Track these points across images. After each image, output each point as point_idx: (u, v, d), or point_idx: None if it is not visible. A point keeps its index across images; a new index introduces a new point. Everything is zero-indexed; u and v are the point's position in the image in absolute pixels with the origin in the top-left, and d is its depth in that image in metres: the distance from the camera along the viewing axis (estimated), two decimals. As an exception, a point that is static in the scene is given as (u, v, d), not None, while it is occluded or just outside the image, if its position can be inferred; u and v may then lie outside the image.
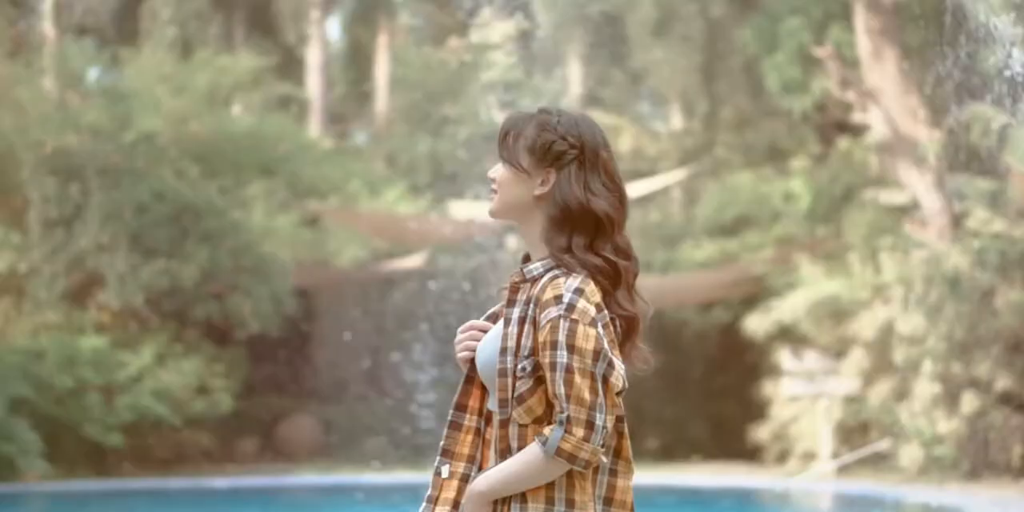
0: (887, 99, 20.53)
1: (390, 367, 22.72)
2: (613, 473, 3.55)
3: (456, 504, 3.58)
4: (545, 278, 3.48)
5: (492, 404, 3.58)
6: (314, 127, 27.03)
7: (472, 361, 3.65)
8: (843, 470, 20.69)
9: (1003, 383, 19.41)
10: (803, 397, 21.50)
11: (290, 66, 27.93)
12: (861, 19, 20.65)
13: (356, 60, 30.14)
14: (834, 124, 23.50)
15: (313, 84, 27.39)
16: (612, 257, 3.52)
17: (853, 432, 21.12)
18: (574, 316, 3.39)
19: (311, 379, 23.50)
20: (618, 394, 3.47)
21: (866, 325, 20.46)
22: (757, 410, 22.20)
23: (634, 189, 22.68)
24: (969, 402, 19.40)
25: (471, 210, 22.76)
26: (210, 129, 22.12)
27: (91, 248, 19.86)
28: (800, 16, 21.89)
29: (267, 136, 23.15)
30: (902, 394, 20.26)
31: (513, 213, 3.60)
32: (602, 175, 3.56)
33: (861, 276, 20.87)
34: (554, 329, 3.39)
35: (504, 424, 3.49)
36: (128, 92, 21.87)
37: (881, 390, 20.47)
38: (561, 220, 3.53)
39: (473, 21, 26.97)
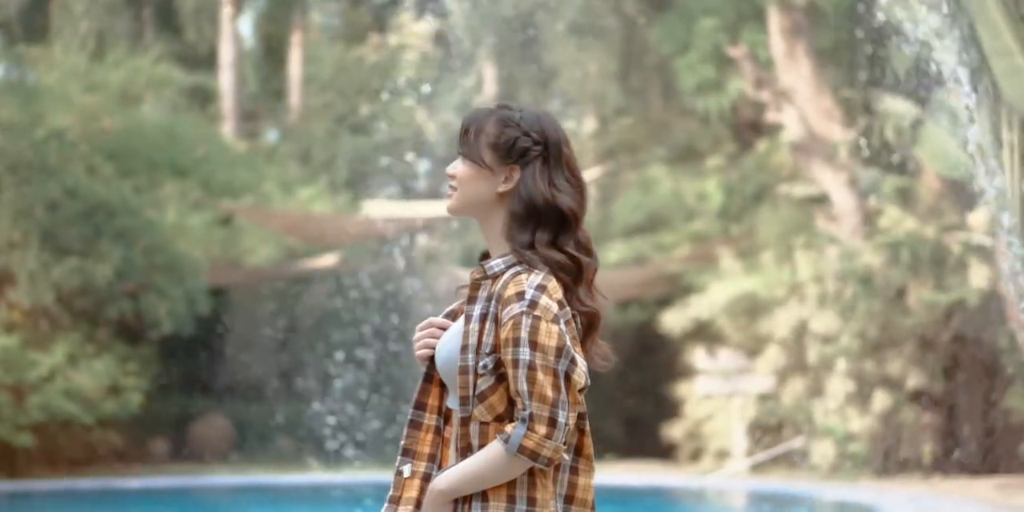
0: (801, 98, 20.69)
1: (304, 367, 22.63)
2: (574, 471, 3.54)
3: (419, 504, 3.54)
4: (507, 275, 3.45)
5: (452, 402, 3.56)
6: (227, 125, 26.83)
7: (431, 359, 3.61)
8: (757, 468, 20.81)
9: (915, 381, 19.63)
10: (717, 395, 21.60)
11: (202, 63, 27.70)
12: (774, 19, 20.80)
13: (269, 58, 29.94)
14: (749, 124, 23.64)
15: (226, 82, 27.16)
16: (575, 253, 3.50)
17: (767, 430, 21.25)
18: (536, 313, 3.37)
19: (224, 379, 23.33)
20: (580, 391, 3.46)
21: (780, 323, 20.59)
22: (671, 408, 22.29)
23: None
24: (881, 400, 19.60)
25: (386, 209, 22.70)
26: (122, 127, 21.91)
27: (2, 245, 19.58)
28: (714, 16, 22.00)
29: (180, 135, 22.96)
30: (815, 392, 20.43)
31: (474, 210, 3.57)
32: (565, 171, 3.56)
33: (776, 274, 21.00)
34: (516, 326, 3.36)
35: (465, 422, 3.46)
36: (39, 88, 21.62)
37: (795, 388, 20.62)
38: (525, 216, 3.51)
39: (387, 20, 26.91)
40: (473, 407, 3.44)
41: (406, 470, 3.58)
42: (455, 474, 3.43)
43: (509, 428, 3.37)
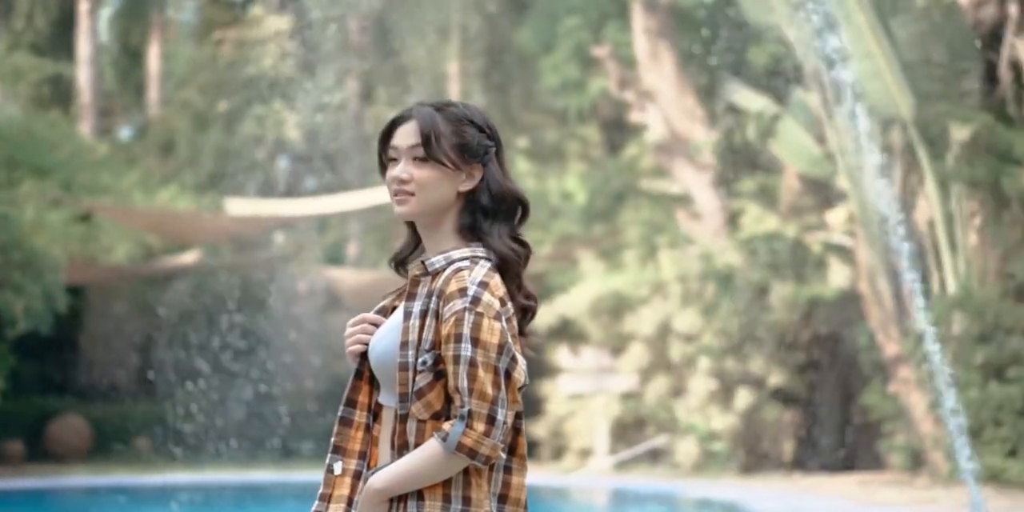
0: (664, 99, 20.82)
1: (163, 366, 22.35)
2: (508, 470, 3.50)
3: (350, 501, 3.50)
4: (448, 271, 3.42)
5: (384, 398, 3.51)
6: (86, 122, 26.40)
7: (363, 355, 3.56)
8: (620, 466, 20.91)
9: (776, 379, 19.86)
10: (581, 394, 21.67)
11: (60, 59, 27.24)
12: (638, 19, 20.91)
13: (127, 54, 29.53)
14: (613, 123, 23.76)
15: (84, 78, 26.72)
16: (526, 241, 3.55)
17: (630, 428, 21.38)
18: (479, 309, 3.34)
19: (82, 378, 22.99)
20: (519, 389, 3.43)
21: (644, 322, 20.71)
22: (533, 407, 22.32)
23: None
24: (743, 398, 19.80)
25: (247, 207, 22.50)
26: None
27: None
28: (577, 16, 22.07)
29: (39, 132, 22.55)
30: (678, 390, 20.59)
31: (434, 212, 3.52)
32: (507, 163, 3.56)
33: (639, 273, 21.13)
34: (459, 322, 3.33)
35: (403, 419, 3.41)
36: None
37: (658, 387, 20.76)
38: (494, 211, 3.51)
39: (246, 16, 26.66)
40: (411, 404, 3.39)
41: (337, 468, 3.54)
42: (391, 472, 3.38)
43: (447, 426, 3.34)
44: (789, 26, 18.74)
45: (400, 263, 3.64)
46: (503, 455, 3.43)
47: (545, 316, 21.65)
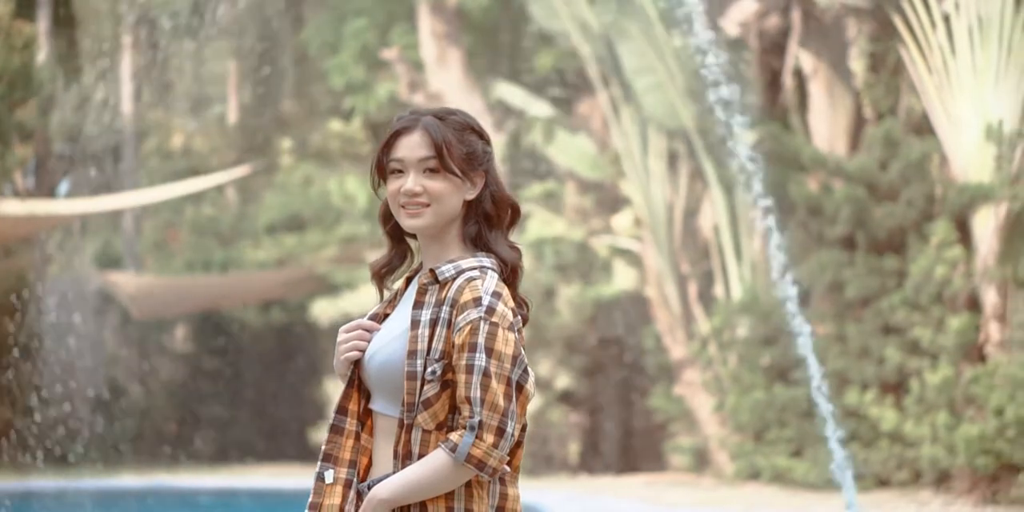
0: (453, 102, 20.82)
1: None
2: (503, 482, 3.47)
3: (341, 510, 3.44)
4: (460, 280, 3.37)
5: (381, 406, 3.45)
6: None
7: (356, 362, 3.49)
8: (406, 469, 20.86)
9: (563, 382, 20.02)
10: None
11: None
12: (425, 22, 20.89)
13: None
14: (384, 122, 23.68)
15: None
16: (519, 247, 3.52)
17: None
18: (494, 319, 3.31)
19: None
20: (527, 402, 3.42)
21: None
22: (316, 412, 22.13)
23: (188, 186, 22.32)
24: (532, 400, 19.91)
25: (18, 207, 21.91)
26: None
27: None
28: (364, 17, 21.95)
29: None
30: (467, 393, 20.60)
31: (444, 223, 3.48)
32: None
33: (427, 277, 21.10)
34: (474, 331, 3.30)
35: (408, 429, 3.36)
36: None
37: (448, 390, 20.76)
38: (498, 218, 3.50)
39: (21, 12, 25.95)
40: (417, 414, 3.34)
41: (328, 476, 3.47)
42: (397, 482, 3.33)
43: (454, 436, 3.29)
44: (575, 33, 18.93)
45: (384, 274, 3.58)
46: (507, 468, 3.40)
47: (330, 313, 21.34)
